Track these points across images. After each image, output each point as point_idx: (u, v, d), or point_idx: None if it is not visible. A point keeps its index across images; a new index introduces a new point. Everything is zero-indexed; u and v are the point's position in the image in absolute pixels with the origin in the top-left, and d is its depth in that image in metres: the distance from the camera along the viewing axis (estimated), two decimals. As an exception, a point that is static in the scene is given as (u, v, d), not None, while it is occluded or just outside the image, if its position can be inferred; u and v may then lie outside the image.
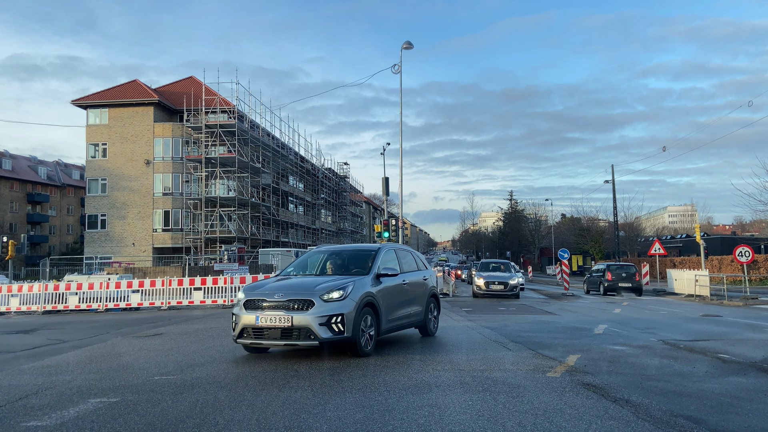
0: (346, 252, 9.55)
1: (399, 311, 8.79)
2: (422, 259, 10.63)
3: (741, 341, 9.97)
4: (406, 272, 9.33)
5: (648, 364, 7.50)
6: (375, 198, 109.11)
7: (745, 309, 18.33)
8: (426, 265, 10.60)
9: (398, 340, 9.67)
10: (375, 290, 8.07)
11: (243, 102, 47.28)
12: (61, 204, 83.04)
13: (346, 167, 76.25)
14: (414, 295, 9.39)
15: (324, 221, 69.84)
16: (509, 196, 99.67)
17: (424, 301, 9.78)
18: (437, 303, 10.48)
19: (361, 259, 8.93)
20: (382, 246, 9.31)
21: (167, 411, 5.05)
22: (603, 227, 67.49)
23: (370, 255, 8.90)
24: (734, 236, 62.66)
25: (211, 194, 44.78)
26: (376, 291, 8.10)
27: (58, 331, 13.20)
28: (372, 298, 7.92)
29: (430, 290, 10.11)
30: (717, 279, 27.31)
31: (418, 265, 10.14)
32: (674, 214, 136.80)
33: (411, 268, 9.71)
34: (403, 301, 8.95)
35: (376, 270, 8.40)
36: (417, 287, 9.58)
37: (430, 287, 10.21)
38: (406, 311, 9.05)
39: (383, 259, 8.84)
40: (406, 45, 26.06)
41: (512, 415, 4.80)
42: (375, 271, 8.38)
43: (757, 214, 43.87)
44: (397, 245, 10.02)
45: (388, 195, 33.57)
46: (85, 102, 47.27)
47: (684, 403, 5.32)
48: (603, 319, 14.15)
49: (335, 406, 5.18)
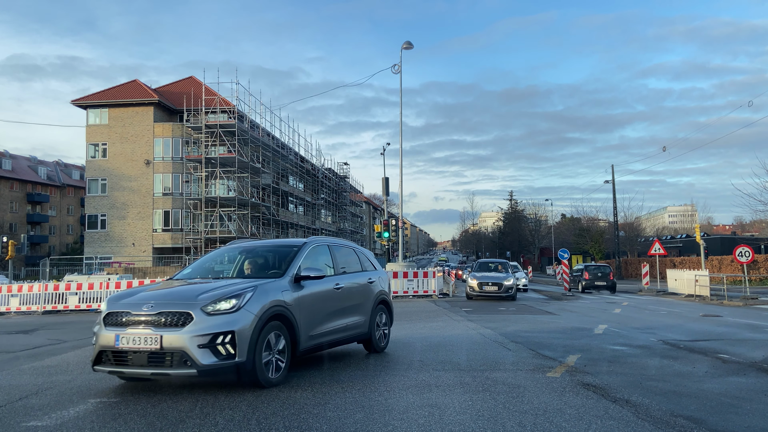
0: (261, 249, 7.67)
1: (330, 323, 7.06)
2: (369, 258, 8.93)
3: (741, 341, 9.97)
4: (343, 273, 7.71)
5: (648, 364, 7.50)
6: (375, 198, 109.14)
7: (745, 309, 18.33)
8: (375, 264, 8.94)
9: (398, 341, 9.66)
10: (290, 298, 6.32)
11: (243, 102, 47.37)
12: (61, 204, 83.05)
13: (346, 167, 76.32)
14: (354, 302, 7.75)
15: (324, 221, 69.85)
16: (509, 196, 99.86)
17: (368, 309, 8.08)
18: (388, 311, 8.80)
19: (278, 257, 7.16)
20: (309, 241, 7.50)
21: (167, 411, 5.05)
22: (603, 227, 67.58)
23: (290, 252, 7.10)
24: (734, 236, 62.67)
25: (211, 194, 44.80)
26: (293, 299, 6.35)
27: (58, 331, 13.20)
28: (283, 308, 6.14)
29: (377, 296, 8.40)
30: (717, 279, 27.32)
31: (363, 264, 8.48)
32: (674, 214, 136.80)
33: (352, 269, 8.09)
34: (336, 311, 7.22)
35: (294, 271, 6.64)
36: (358, 292, 7.94)
37: (378, 292, 8.47)
38: (340, 323, 7.31)
39: (307, 258, 7.07)
40: (406, 45, 26.07)
41: (512, 415, 4.80)
42: (293, 272, 6.62)
43: (757, 214, 43.91)
44: (334, 240, 8.29)
45: (388, 195, 33.59)
46: (85, 102, 47.28)
47: (684, 403, 5.32)
48: (603, 319, 14.15)
49: (335, 406, 5.18)
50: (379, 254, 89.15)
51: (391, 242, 33.19)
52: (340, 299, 7.37)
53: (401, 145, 28.05)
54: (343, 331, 7.41)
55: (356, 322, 7.75)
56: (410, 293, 22.01)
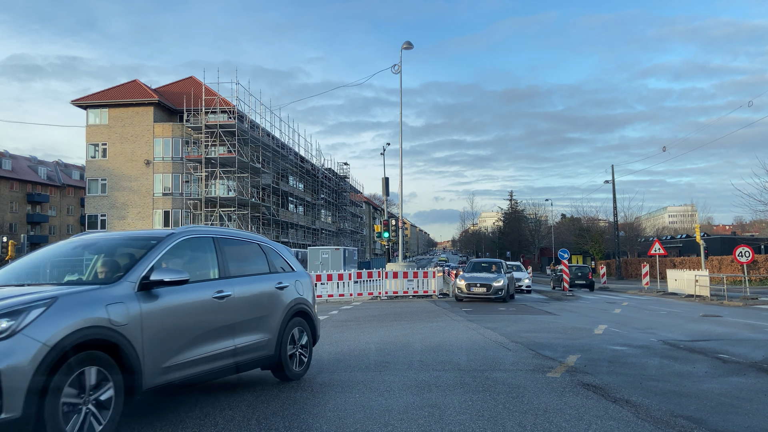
0: (106, 243, 5.48)
1: (203, 347, 5.06)
2: (284, 255, 6.86)
3: (741, 341, 9.97)
4: (235, 276, 5.70)
5: (648, 364, 7.50)
6: (375, 198, 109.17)
7: (745, 309, 18.33)
8: (292, 264, 6.89)
9: (398, 342, 9.65)
10: (124, 314, 4.30)
11: (243, 102, 47.34)
12: (61, 204, 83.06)
13: (346, 167, 76.39)
14: (251, 314, 5.74)
15: (324, 221, 69.87)
16: (509, 197, 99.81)
17: (275, 323, 6.04)
18: (310, 325, 6.74)
19: (126, 255, 5.13)
20: (178, 231, 5.45)
21: (167, 411, 5.05)
22: (603, 227, 67.56)
23: (144, 246, 5.06)
24: (734, 236, 62.63)
25: (211, 194, 44.82)
26: (130, 316, 4.35)
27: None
28: (106, 331, 4.12)
29: (291, 305, 6.33)
30: (717, 279, 27.32)
31: (272, 264, 6.46)
32: (674, 215, 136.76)
33: (251, 270, 6.08)
34: (216, 329, 5.25)
35: (140, 274, 4.65)
36: (259, 302, 5.91)
37: (293, 301, 6.38)
38: (223, 346, 5.29)
39: (172, 255, 5.15)
40: (406, 45, 26.07)
41: (512, 415, 4.80)
42: (138, 275, 4.64)
43: (757, 214, 43.92)
44: (225, 231, 6.12)
45: (388, 195, 33.60)
46: (85, 102, 47.29)
47: (684, 403, 5.32)
48: (603, 319, 14.15)
49: (335, 406, 5.18)
50: (379, 254, 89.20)
51: (391, 242, 33.20)
52: (224, 312, 5.36)
53: (401, 145, 28.07)
54: (230, 356, 5.38)
55: (254, 342, 5.70)
56: (410, 293, 22.01)
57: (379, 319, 13.63)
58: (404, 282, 22.20)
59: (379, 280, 22.08)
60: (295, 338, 6.42)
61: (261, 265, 6.30)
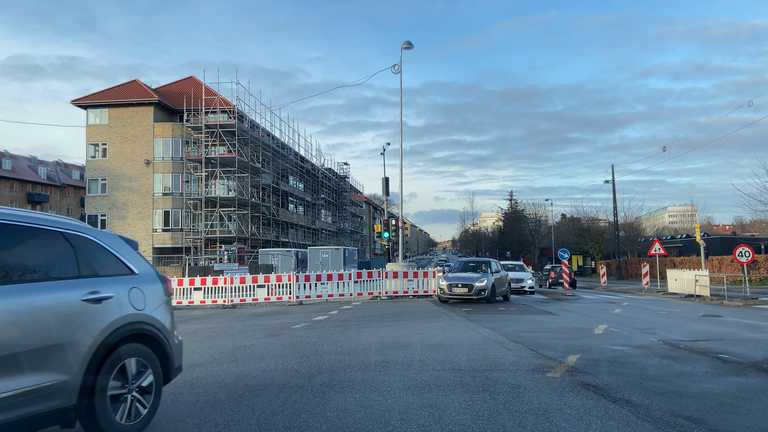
0: None
1: None
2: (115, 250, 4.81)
3: (741, 341, 9.97)
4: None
5: (648, 364, 7.50)
6: (375, 198, 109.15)
7: (745, 309, 18.33)
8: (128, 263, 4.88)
9: (398, 342, 9.65)
10: None
11: (243, 102, 47.38)
12: (61, 204, 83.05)
13: (346, 167, 76.34)
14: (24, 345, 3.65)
15: (324, 221, 69.85)
16: (509, 196, 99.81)
17: (78, 356, 3.96)
18: (159, 357, 4.71)
19: None
20: None
21: (168, 411, 5.06)
22: (603, 227, 67.56)
23: None
24: (734, 236, 62.62)
25: (211, 194, 44.82)
26: None
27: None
28: None
29: (113, 327, 4.26)
30: (717, 279, 27.31)
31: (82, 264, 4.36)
32: (674, 214, 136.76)
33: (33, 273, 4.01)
34: None
35: None
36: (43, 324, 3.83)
37: (119, 319, 4.33)
38: None
39: None
40: (406, 45, 26.06)
41: (512, 415, 4.80)
42: None
43: (757, 214, 43.89)
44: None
45: (388, 195, 33.61)
46: (85, 102, 47.28)
47: (684, 403, 5.32)
48: (603, 319, 14.15)
49: (335, 406, 5.18)
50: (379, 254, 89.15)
51: (391, 242, 33.21)
52: None
53: (401, 145, 28.06)
54: None
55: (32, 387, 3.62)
56: (410, 293, 22.00)
57: (379, 319, 13.63)
58: (404, 282, 22.19)
59: (379, 280, 22.08)
60: (128, 375, 4.33)
61: (61, 266, 4.22)
